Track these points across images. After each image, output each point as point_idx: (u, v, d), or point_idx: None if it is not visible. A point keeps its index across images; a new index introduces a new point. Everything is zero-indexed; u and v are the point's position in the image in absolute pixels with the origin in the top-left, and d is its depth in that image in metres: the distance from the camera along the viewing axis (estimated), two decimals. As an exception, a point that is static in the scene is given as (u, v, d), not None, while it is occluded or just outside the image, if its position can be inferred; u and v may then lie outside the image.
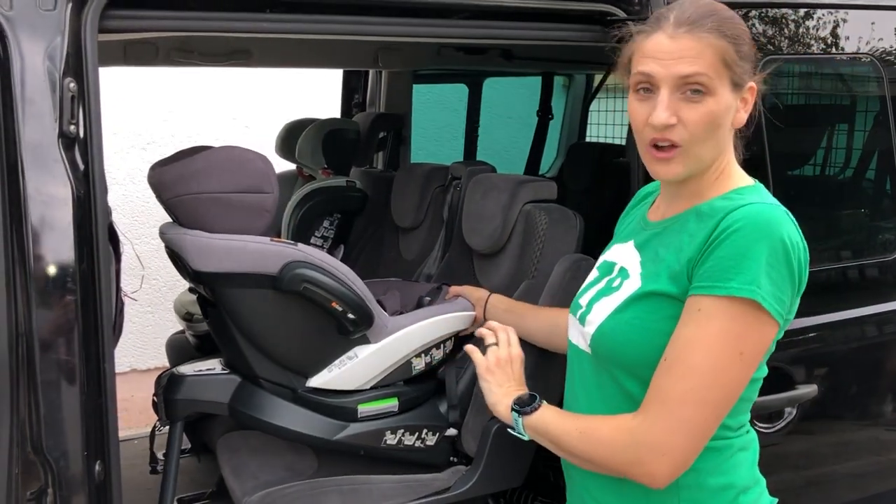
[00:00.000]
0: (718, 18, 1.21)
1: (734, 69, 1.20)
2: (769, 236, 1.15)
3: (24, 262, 1.37)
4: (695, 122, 1.19)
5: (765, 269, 1.14)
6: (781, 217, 1.19)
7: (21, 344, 1.38)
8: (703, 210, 1.24)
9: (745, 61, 1.22)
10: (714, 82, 1.19)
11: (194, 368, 1.89)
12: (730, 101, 1.21)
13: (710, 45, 1.19)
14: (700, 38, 1.19)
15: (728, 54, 1.19)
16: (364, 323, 1.76)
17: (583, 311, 1.37)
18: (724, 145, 1.25)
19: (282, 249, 1.70)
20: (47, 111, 1.37)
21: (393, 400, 1.88)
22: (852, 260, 2.03)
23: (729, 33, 1.20)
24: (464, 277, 2.22)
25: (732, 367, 1.17)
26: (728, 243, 1.16)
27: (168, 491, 1.84)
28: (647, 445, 1.19)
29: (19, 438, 1.40)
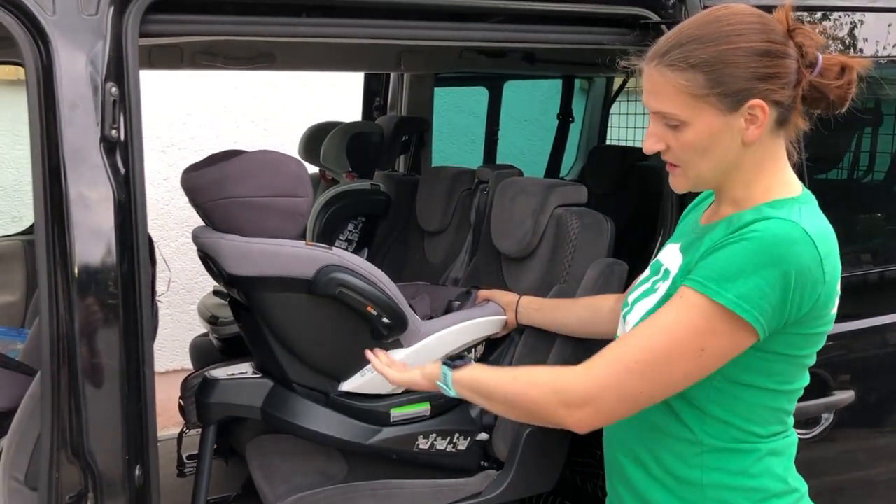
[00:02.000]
0: (690, 47, 1.17)
1: (711, 97, 1.17)
2: (773, 254, 1.14)
3: (66, 265, 1.37)
4: (680, 147, 1.21)
5: (757, 282, 1.14)
6: (797, 237, 1.15)
7: (62, 347, 1.38)
8: (734, 220, 1.23)
9: (735, 82, 1.16)
10: (684, 114, 1.19)
11: (227, 372, 1.89)
12: (719, 124, 1.18)
13: (670, 83, 1.18)
14: (662, 73, 1.19)
15: (694, 87, 1.17)
16: (398, 327, 1.76)
17: (627, 309, 1.38)
18: (738, 161, 1.23)
19: (317, 253, 1.70)
20: (89, 115, 1.38)
21: (425, 404, 1.88)
22: (892, 263, 2.01)
23: (700, 61, 1.16)
24: (492, 281, 2.22)
25: (688, 358, 1.19)
26: (731, 248, 1.17)
27: (201, 494, 1.84)
28: (579, 392, 1.22)
29: (59, 442, 1.41)
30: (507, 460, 1.93)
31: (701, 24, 1.20)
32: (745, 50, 1.16)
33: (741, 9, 1.21)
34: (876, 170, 2.28)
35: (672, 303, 1.21)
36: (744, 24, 1.18)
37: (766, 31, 1.18)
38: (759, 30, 1.18)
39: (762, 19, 1.20)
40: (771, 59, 1.17)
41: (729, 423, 1.25)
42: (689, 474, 1.27)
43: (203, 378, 1.87)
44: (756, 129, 1.19)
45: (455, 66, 3.27)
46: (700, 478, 1.26)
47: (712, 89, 1.16)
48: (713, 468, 1.26)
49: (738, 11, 1.20)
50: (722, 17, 1.19)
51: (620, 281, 1.89)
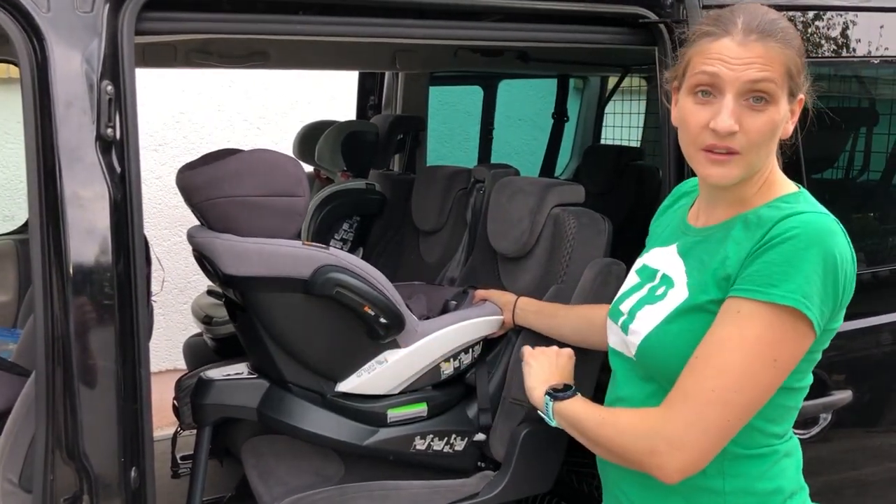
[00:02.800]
0: (785, 28, 1.21)
1: (795, 80, 1.21)
2: (822, 247, 1.14)
3: (61, 264, 1.36)
4: (756, 130, 1.18)
5: (812, 278, 1.13)
6: (835, 228, 1.17)
7: (57, 347, 1.37)
8: (751, 219, 1.22)
9: (801, 72, 1.22)
10: (778, 91, 1.19)
11: (222, 373, 1.88)
12: (786, 110, 1.21)
13: (780, 54, 1.18)
14: (770, 46, 1.18)
15: (794, 65, 1.20)
16: (395, 327, 1.75)
17: (624, 318, 1.35)
18: (770, 155, 1.25)
19: (314, 253, 1.69)
20: (85, 114, 1.36)
21: (422, 405, 1.87)
22: (890, 263, 2.02)
23: (794, 44, 1.21)
24: (488, 281, 2.21)
25: (765, 372, 1.16)
26: (779, 249, 1.15)
27: (196, 495, 1.83)
28: (666, 438, 1.18)
29: (54, 443, 1.39)
30: (504, 461, 1.93)
31: (772, 13, 1.22)
32: (802, 47, 1.23)
33: None
34: (871, 169, 2.28)
35: (727, 318, 1.17)
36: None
37: None
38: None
39: None
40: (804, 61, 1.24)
41: (755, 426, 1.22)
42: (710, 483, 1.24)
43: (198, 379, 1.86)
44: (791, 124, 1.23)
45: (450, 65, 3.27)
46: (722, 486, 1.24)
47: (801, 72, 1.21)
48: (734, 475, 1.24)
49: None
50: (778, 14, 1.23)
51: (618, 281, 1.87)
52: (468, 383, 2.00)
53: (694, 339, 1.21)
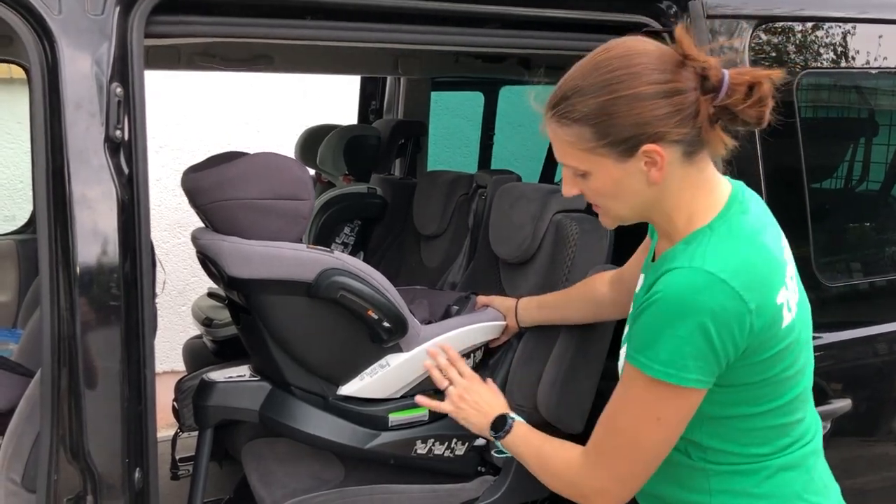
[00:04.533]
0: (574, 100, 1.13)
1: (601, 149, 1.14)
2: (683, 314, 1.12)
3: (69, 265, 1.36)
4: (589, 194, 1.23)
5: (679, 343, 1.12)
6: (699, 286, 1.12)
7: (63, 347, 1.37)
8: (658, 261, 1.24)
9: (621, 131, 1.12)
10: (583, 166, 1.18)
11: (224, 375, 1.88)
12: (619, 171, 1.16)
13: (561, 138, 1.18)
14: (554, 128, 1.18)
15: (583, 141, 1.14)
16: (399, 331, 1.76)
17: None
18: (654, 198, 1.20)
19: (318, 256, 1.70)
20: (94, 116, 1.37)
21: (424, 409, 1.87)
22: (888, 273, 2.03)
23: (583, 115, 1.13)
24: (490, 286, 2.22)
25: (651, 430, 1.20)
26: (646, 315, 1.16)
27: (197, 497, 1.83)
28: (589, 487, 1.28)
29: (58, 443, 1.40)
30: (504, 466, 1.93)
31: (584, 73, 1.15)
32: (627, 98, 1.11)
33: (623, 50, 1.15)
34: (869, 179, 2.30)
35: (622, 378, 1.23)
36: (624, 71, 1.12)
37: (650, 72, 1.12)
38: (639, 73, 1.11)
39: (644, 59, 1.13)
40: (657, 101, 1.11)
41: (729, 451, 1.25)
42: (696, 498, 1.27)
43: (200, 381, 1.86)
44: (658, 171, 1.15)
45: (452, 70, 3.28)
46: (708, 501, 1.26)
47: (600, 141, 1.13)
48: (720, 490, 1.26)
49: (619, 54, 1.14)
50: (602, 64, 1.14)
51: (620, 287, 1.89)
52: (469, 388, 2.01)
53: None
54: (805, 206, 1.77)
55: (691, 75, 1.13)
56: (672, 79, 1.12)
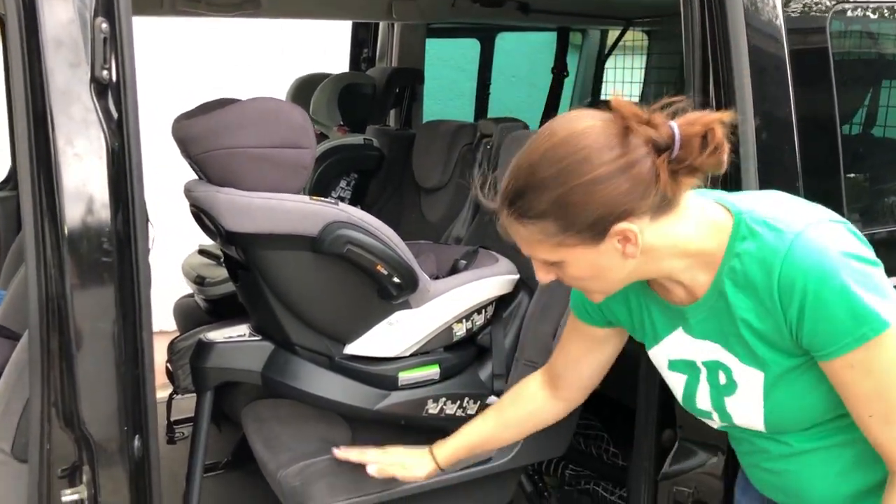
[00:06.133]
0: (528, 198, 1.05)
1: (568, 238, 1.06)
2: (832, 270, 1.03)
3: (56, 220, 1.24)
4: (568, 280, 1.15)
5: (863, 294, 1.03)
6: (815, 238, 1.04)
7: (52, 308, 1.26)
8: (737, 280, 1.11)
9: (584, 218, 1.04)
10: (553, 257, 1.09)
11: (223, 335, 1.78)
12: (592, 255, 1.08)
13: (524, 235, 1.08)
14: (513, 225, 1.09)
15: (548, 235, 1.06)
16: (409, 287, 1.67)
17: (718, 415, 1.25)
18: (641, 264, 1.11)
19: (322, 209, 1.59)
20: (77, 54, 1.24)
21: (434, 367, 1.79)
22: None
23: (541, 211, 1.04)
24: (497, 240, 2.12)
25: None
26: (812, 309, 1.05)
27: (197, 461, 1.75)
28: None
29: (50, 411, 1.30)
30: (518, 425, 1.86)
31: (532, 167, 1.06)
32: (583, 185, 1.03)
33: (566, 134, 1.05)
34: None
35: (855, 373, 1.06)
36: (572, 158, 1.03)
37: (598, 152, 1.03)
38: (587, 157, 1.03)
39: (589, 139, 1.04)
40: (613, 181, 1.03)
41: None
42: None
43: (198, 341, 1.76)
44: (633, 246, 1.07)
45: (448, 15, 3.14)
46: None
47: (566, 232, 1.06)
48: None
49: (562, 140, 1.05)
50: (548, 155, 1.04)
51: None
52: (480, 345, 1.93)
53: (810, 384, 1.13)
54: (837, 151, 1.68)
55: (640, 140, 1.04)
56: (622, 152, 1.03)
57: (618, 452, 2.35)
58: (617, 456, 2.35)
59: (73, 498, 1.31)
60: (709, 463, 1.77)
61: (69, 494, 1.31)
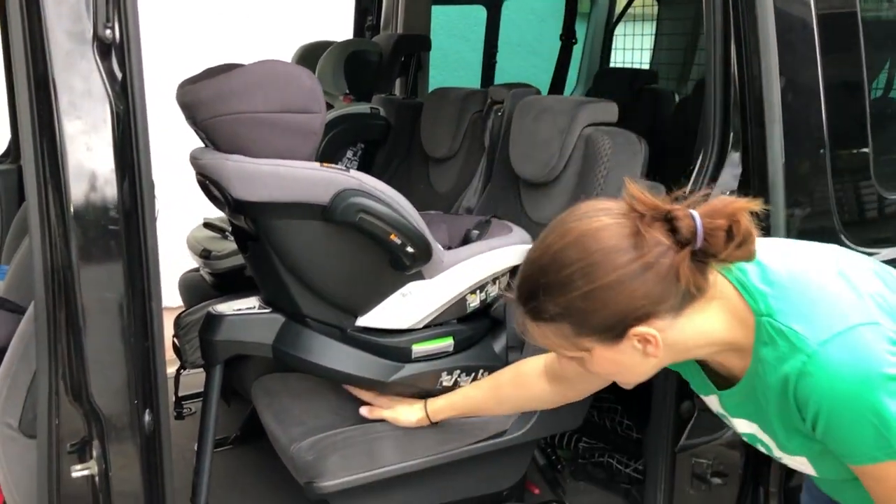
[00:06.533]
0: (542, 300, 1.01)
1: (585, 339, 1.03)
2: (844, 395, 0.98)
3: (59, 188, 1.20)
4: (593, 371, 1.10)
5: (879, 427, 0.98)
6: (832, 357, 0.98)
7: (58, 280, 1.22)
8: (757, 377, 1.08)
9: (602, 322, 1.00)
10: (573, 353, 1.06)
11: (232, 307, 1.74)
12: (612, 353, 1.04)
13: (541, 332, 1.06)
14: (529, 324, 1.06)
15: (565, 335, 1.03)
16: (423, 257, 1.62)
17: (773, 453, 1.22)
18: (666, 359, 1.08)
19: (334, 176, 1.54)
20: (79, 12, 1.19)
21: (448, 339, 1.75)
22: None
23: (556, 314, 1.01)
24: (509, 210, 2.08)
25: None
26: (824, 428, 1.02)
27: (207, 437, 1.71)
28: None
29: (58, 385, 1.26)
30: (534, 397, 1.82)
31: (543, 269, 1.02)
32: (597, 291, 0.99)
33: (578, 235, 1.00)
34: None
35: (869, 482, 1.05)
36: (584, 262, 0.99)
37: (613, 255, 0.98)
38: (599, 262, 0.98)
39: (602, 242, 0.98)
40: (629, 286, 0.98)
41: None
42: None
43: (207, 314, 1.72)
44: (654, 347, 1.02)
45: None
46: None
47: (582, 332, 1.02)
48: None
49: (573, 241, 1.00)
50: (559, 258, 1.00)
51: (658, 205, 1.75)
52: (494, 316, 1.88)
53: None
54: (865, 116, 1.63)
55: (658, 236, 0.98)
56: (639, 254, 0.98)
57: (631, 425, 2.32)
58: (631, 428, 2.32)
59: (83, 474, 1.28)
60: (728, 434, 1.74)
61: (79, 470, 1.28)
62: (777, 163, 1.57)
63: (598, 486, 2.20)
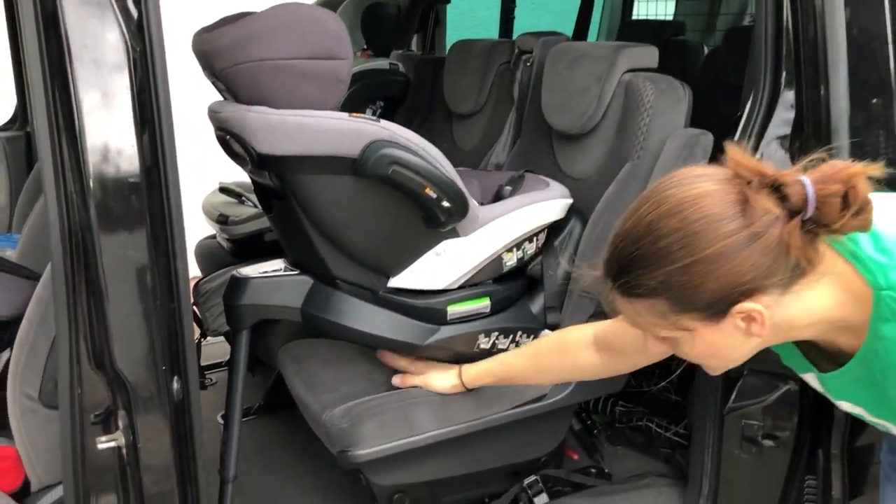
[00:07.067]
0: (634, 274, 0.92)
1: (684, 317, 0.93)
2: None
3: (75, 140, 1.11)
4: (686, 356, 1.02)
5: None
6: None
7: (76, 240, 1.13)
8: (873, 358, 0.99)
9: (701, 298, 0.91)
10: (668, 333, 0.97)
11: (258, 270, 1.65)
12: (713, 333, 0.95)
13: (634, 310, 0.97)
14: (621, 301, 0.97)
15: (661, 313, 0.94)
16: (459, 212, 1.52)
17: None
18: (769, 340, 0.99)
19: (364, 127, 1.44)
20: (89, -58, 1.09)
21: (484, 300, 1.66)
22: None
23: (651, 289, 0.92)
24: (542, 165, 1.98)
25: None
26: None
27: (235, 405, 1.63)
28: None
29: (79, 352, 1.18)
30: (574, 359, 1.74)
31: (637, 239, 0.92)
32: (697, 264, 0.90)
33: (676, 204, 0.91)
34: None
35: None
36: (683, 233, 0.90)
37: (715, 225, 0.89)
38: (701, 232, 0.90)
39: (704, 210, 0.90)
40: (734, 258, 0.90)
41: None
42: None
43: (231, 277, 1.63)
44: (759, 325, 0.94)
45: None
46: None
47: (679, 312, 0.94)
48: None
49: (672, 210, 0.91)
50: (655, 227, 0.91)
51: (705, 154, 1.65)
52: (530, 276, 1.79)
53: None
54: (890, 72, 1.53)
55: (767, 204, 0.90)
56: (744, 224, 0.89)
57: (670, 387, 2.24)
58: (669, 390, 2.24)
59: (109, 445, 1.20)
60: (779, 393, 1.66)
61: (105, 442, 1.20)
62: (840, 106, 1.47)
63: (636, 451, 2.13)
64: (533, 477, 1.85)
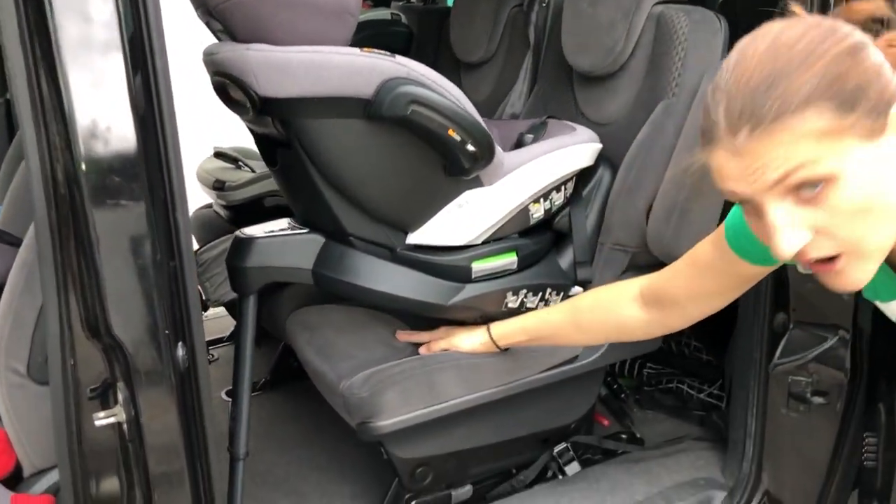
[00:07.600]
0: (782, 87, 0.76)
1: (848, 129, 0.77)
2: None
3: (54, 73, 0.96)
4: (833, 226, 0.80)
5: None
6: None
7: (59, 192, 0.99)
8: None
9: (864, 84, 0.77)
10: (830, 163, 0.77)
11: (264, 230, 1.51)
12: (872, 158, 0.78)
13: (788, 137, 0.76)
14: (767, 135, 0.76)
15: (825, 122, 0.76)
16: (485, 157, 1.38)
17: None
18: None
19: (378, 62, 1.29)
20: None
21: (511, 254, 1.53)
22: None
23: (804, 97, 0.76)
24: (563, 112, 1.84)
25: None
26: None
27: (243, 376, 1.50)
28: None
29: (70, 318, 1.04)
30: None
31: (761, 61, 0.77)
32: (845, 53, 0.77)
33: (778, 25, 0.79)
34: None
35: None
36: (810, 32, 0.78)
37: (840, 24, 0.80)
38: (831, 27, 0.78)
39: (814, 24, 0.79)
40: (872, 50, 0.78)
41: None
42: None
43: (235, 238, 1.49)
44: None
45: None
46: None
47: (848, 116, 0.77)
48: None
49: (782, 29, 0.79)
50: (777, 43, 0.78)
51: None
52: (557, 229, 1.66)
53: None
54: None
55: None
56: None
57: (700, 346, 2.12)
58: (700, 350, 2.12)
59: (108, 422, 1.07)
60: (829, 346, 1.54)
61: (103, 418, 1.07)
62: None
63: (668, 414, 2.01)
64: (563, 445, 1.74)
